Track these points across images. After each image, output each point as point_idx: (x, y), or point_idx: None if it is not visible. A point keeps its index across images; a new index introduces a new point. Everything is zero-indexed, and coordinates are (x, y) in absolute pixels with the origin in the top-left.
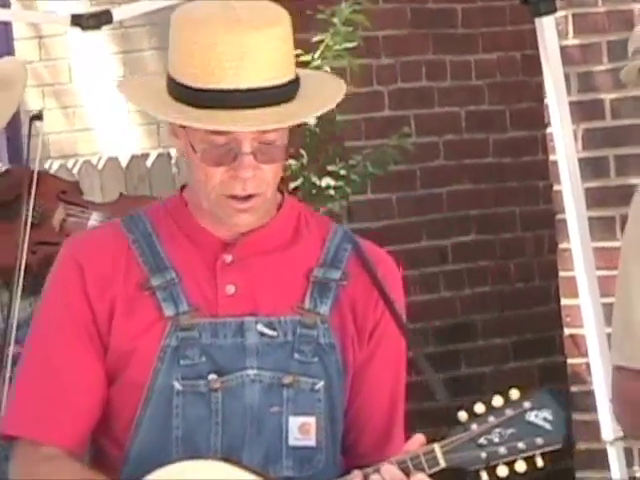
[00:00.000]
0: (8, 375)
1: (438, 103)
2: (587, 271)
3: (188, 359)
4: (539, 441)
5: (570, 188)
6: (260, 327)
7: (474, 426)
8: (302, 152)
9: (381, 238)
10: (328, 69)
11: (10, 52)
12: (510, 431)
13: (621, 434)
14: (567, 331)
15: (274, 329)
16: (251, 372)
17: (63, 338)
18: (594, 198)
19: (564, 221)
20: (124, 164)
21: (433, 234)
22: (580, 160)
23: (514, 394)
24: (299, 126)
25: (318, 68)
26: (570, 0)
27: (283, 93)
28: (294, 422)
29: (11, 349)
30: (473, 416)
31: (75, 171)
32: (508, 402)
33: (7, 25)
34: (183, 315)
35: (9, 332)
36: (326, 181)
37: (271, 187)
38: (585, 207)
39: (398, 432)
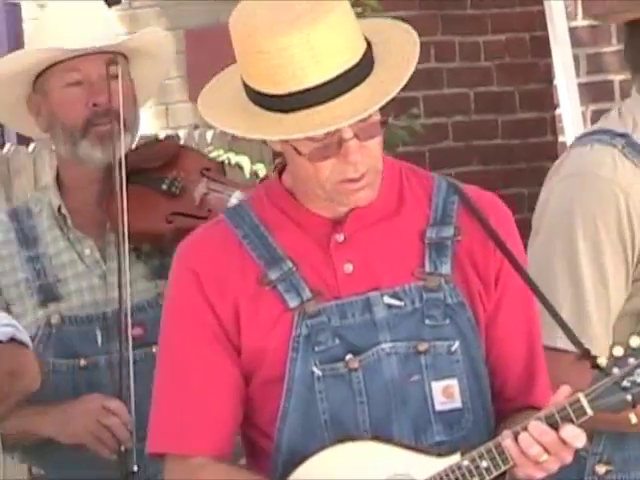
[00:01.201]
0: (132, 355)
1: (447, 84)
2: None
3: (322, 344)
4: None
5: None
6: (387, 299)
7: (615, 370)
8: None
9: None
10: None
11: (18, 33)
12: None
13: None
14: None
15: (400, 299)
16: (386, 346)
17: (193, 347)
18: None
19: None
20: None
21: None
22: None
23: None
24: None
25: None
26: None
27: (363, 68)
28: (437, 387)
29: (129, 329)
30: (613, 360)
31: None
32: None
33: (16, 6)
34: (308, 302)
35: (123, 312)
36: None
37: (380, 159)
38: None
39: (541, 371)
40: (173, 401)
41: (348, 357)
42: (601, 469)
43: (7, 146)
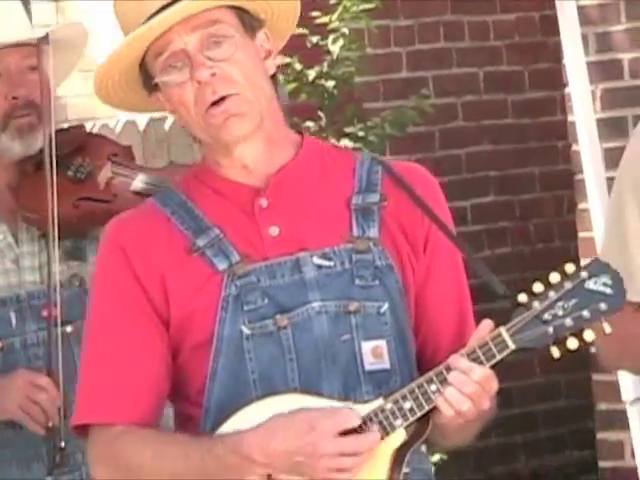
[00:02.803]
0: (60, 337)
1: (456, 64)
2: None
3: (251, 304)
4: (603, 306)
5: (588, 148)
6: (316, 260)
7: (536, 304)
8: (320, 114)
9: None
10: (346, 31)
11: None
12: (573, 302)
13: None
14: None
15: (330, 259)
16: (316, 305)
17: (118, 319)
18: (613, 158)
19: (583, 181)
20: (141, 127)
21: (452, 195)
22: (599, 120)
23: (569, 268)
24: (316, 87)
25: (336, 30)
26: None
27: None
28: (366, 347)
29: (58, 310)
30: (533, 295)
31: None
32: (565, 276)
33: None
34: (236, 265)
35: (52, 293)
36: (344, 143)
37: (247, 88)
38: (603, 167)
39: (471, 334)
40: (98, 374)
41: (277, 316)
42: None
43: None
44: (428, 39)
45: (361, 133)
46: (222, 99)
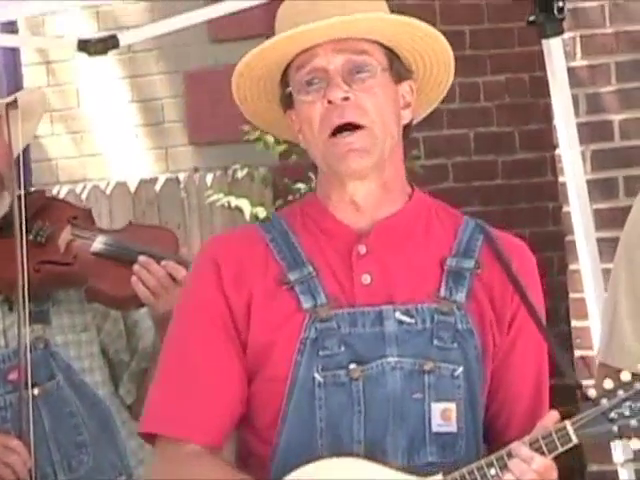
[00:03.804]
0: (31, 396)
1: (447, 125)
2: (597, 293)
3: (327, 350)
4: None
5: (579, 209)
6: (398, 315)
7: (604, 401)
8: (311, 175)
9: None
10: None
11: (18, 78)
12: None
13: (632, 456)
14: (578, 353)
15: (412, 317)
16: (391, 360)
17: (201, 335)
18: (604, 219)
19: (573, 242)
20: (132, 189)
21: None
22: (589, 181)
23: None
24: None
25: None
26: (578, 21)
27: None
28: (436, 408)
29: (29, 373)
30: (602, 392)
31: (84, 196)
32: (637, 376)
33: (15, 51)
34: (321, 307)
35: (24, 356)
36: None
37: (377, 124)
38: (594, 228)
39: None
40: (174, 386)
41: (351, 366)
42: None
43: None
44: None
45: None
46: (348, 126)
